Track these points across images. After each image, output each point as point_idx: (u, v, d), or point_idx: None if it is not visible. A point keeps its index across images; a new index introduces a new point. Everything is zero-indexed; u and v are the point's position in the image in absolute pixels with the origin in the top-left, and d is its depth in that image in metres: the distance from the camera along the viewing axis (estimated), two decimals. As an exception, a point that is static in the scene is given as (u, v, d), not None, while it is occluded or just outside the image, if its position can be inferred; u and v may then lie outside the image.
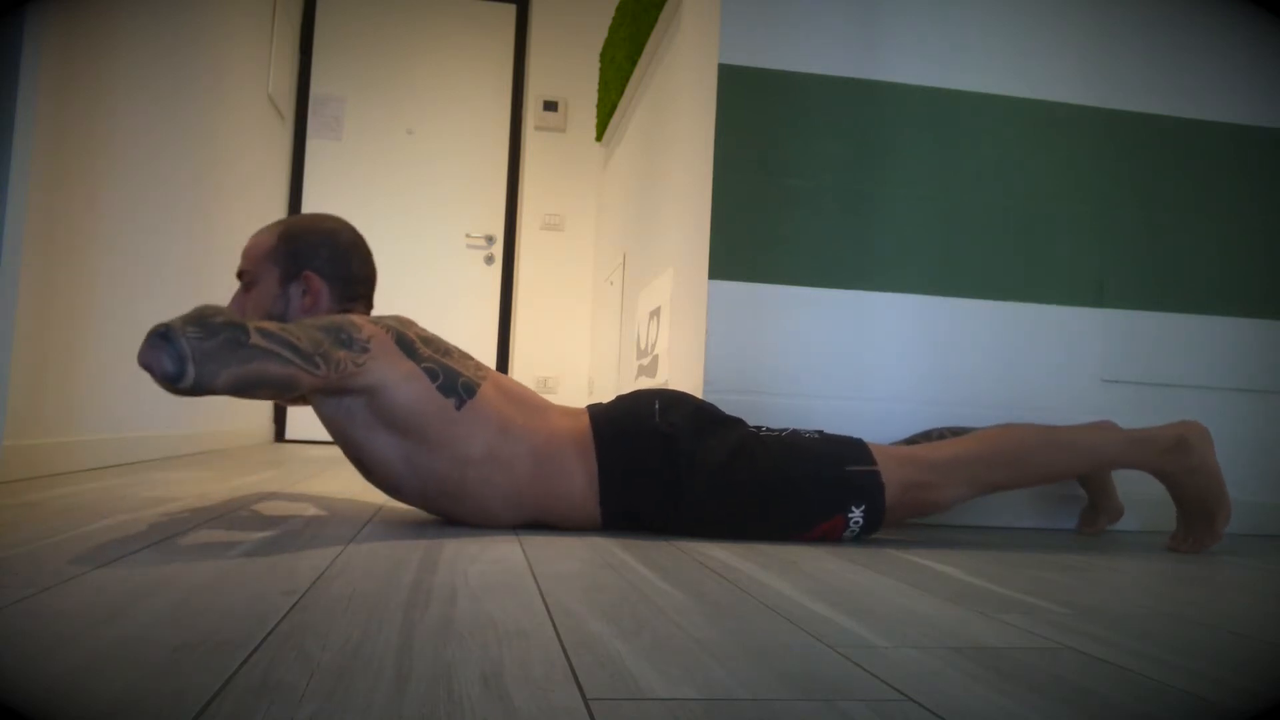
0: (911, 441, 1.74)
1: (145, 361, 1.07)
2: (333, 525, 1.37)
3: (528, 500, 1.39)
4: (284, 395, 1.21)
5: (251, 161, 3.52)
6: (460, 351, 1.45)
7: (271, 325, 1.17)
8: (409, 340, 1.35)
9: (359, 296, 1.48)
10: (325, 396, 1.30)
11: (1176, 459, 1.51)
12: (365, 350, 1.27)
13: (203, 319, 1.10)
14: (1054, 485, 1.84)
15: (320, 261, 1.44)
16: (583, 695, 0.59)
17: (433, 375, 1.33)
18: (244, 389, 1.13)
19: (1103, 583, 1.17)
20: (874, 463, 1.43)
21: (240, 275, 1.46)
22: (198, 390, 1.09)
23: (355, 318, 1.32)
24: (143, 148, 2.35)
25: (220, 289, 3.15)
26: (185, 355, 1.06)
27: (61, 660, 0.61)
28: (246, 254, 1.46)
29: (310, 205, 4.32)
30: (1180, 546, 1.55)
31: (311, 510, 1.56)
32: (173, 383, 1.07)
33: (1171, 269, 1.94)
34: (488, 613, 0.81)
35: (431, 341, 1.40)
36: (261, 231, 1.47)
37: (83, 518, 1.28)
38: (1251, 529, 1.90)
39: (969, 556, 1.35)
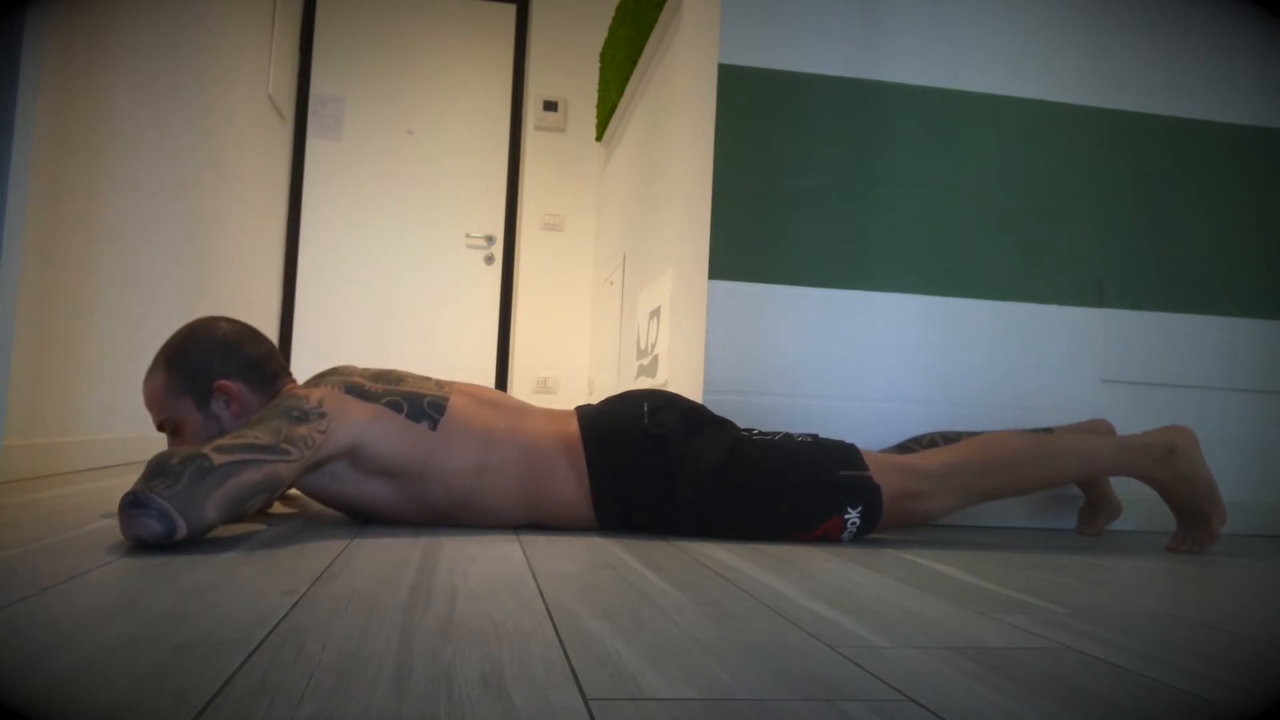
0: (903, 447, 1.74)
1: (134, 534, 1.03)
2: (333, 525, 1.37)
3: (525, 503, 1.39)
4: (275, 494, 1.18)
5: (251, 161, 3.51)
6: (414, 375, 1.44)
7: (225, 439, 1.13)
8: (357, 385, 1.33)
9: (276, 373, 1.41)
10: (308, 473, 1.29)
11: (1168, 467, 1.51)
12: (322, 415, 1.24)
13: (161, 468, 1.06)
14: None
15: (220, 366, 1.36)
16: (583, 695, 0.59)
17: (396, 407, 1.32)
18: (235, 508, 1.10)
19: (1102, 583, 1.17)
20: (866, 468, 1.43)
21: (160, 427, 1.39)
22: (196, 535, 1.06)
23: (294, 390, 1.30)
24: (142, 148, 2.35)
25: (219, 289, 3.15)
26: (166, 510, 1.03)
27: (61, 660, 0.61)
28: (150, 405, 1.37)
29: (310, 205, 4.32)
30: (1180, 547, 1.55)
31: (312, 510, 1.56)
32: (169, 539, 1.04)
33: (1171, 269, 1.94)
34: (488, 613, 0.81)
35: (381, 376, 1.40)
36: (149, 378, 1.38)
37: (83, 518, 1.28)
38: (1251, 529, 1.90)
39: (969, 556, 1.35)
